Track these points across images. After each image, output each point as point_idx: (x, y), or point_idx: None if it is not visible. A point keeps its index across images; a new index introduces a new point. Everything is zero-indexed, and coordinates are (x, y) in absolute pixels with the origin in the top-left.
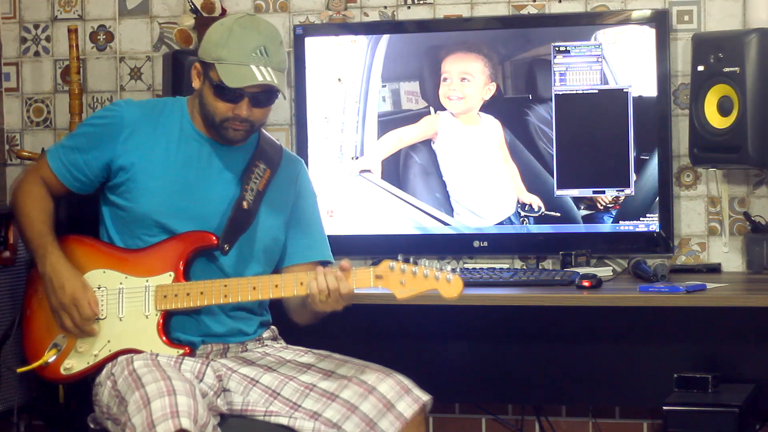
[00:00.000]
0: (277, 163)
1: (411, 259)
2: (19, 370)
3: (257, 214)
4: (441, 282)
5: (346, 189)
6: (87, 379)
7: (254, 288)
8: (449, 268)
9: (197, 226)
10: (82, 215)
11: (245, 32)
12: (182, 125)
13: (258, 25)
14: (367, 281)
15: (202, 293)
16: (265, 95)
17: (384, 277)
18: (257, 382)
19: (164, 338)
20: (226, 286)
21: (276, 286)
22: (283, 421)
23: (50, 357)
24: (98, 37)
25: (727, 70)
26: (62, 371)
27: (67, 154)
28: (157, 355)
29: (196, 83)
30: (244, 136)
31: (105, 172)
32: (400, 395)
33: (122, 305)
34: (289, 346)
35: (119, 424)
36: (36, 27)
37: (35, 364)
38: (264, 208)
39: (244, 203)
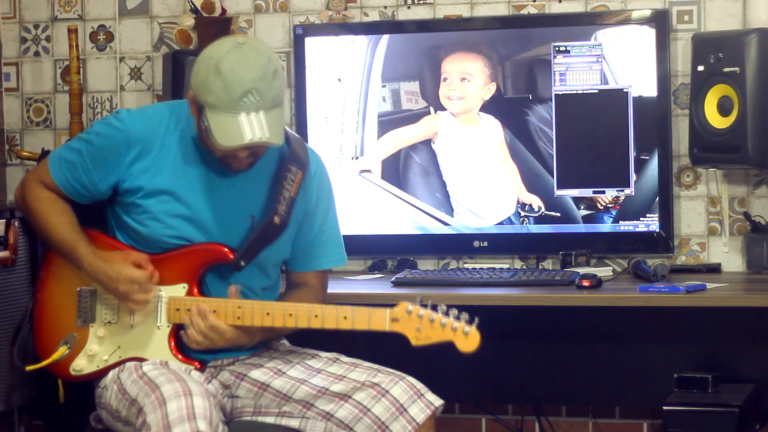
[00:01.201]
0: (306, 162)
1: (429, 304)
2: (29, 368)
3: (288, 224)
4: (458, 334)
5: (346, 189)
6: (91, 381)
7: (267, 314)
8: (466, 317)
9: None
10: (90, 209)
11: (233, 75)
12: (190, 141)
13: (246, 60)
14: (382, 324)
15: (214, 312)
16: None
17: (400, 321)
18: (268, 386)
19: (180, 356)
20: (239, 308)
21: (290, 315)
22: (295, 423)
23: (62, 354)
24: (98, 37)
25: (727, 70)
26: (72, 371)
27: (71, 170)
28: (167, 362)
29: (193, 110)
30: (247, 167)
31: (111, 191)
32: (413, 399)
33: (134, 312)
34: (294, 348)
35: (131, 426)
36: (36, 27)
37: (46, 362)
38: (293, 219)
39: (276, 218)
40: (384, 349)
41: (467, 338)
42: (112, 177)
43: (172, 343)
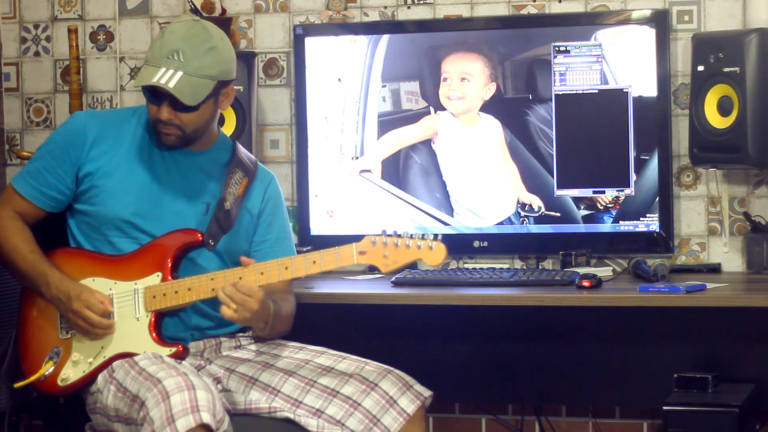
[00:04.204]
0: (254, 175)
1: (394, 231)
2: (16, 385)
3: (237, 217)
4: (423, 251)
5: (346, 189)
6: (82, 389)
7: (240, 278)
8: (432, 235)
9: (171, 226)
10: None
11: (170, 35)
12: (145, 130)
13: (189, 29)
14: (350, 258)
15: (189, 289)
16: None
17: (367, 253)
18: (256, 380)
19: (154, 335)
20: (212, 279)
21: (261, 273)
22: (288, 415)
23: (48, 369)
24: (98, 37)
25: (727, 70)
26: (59, 383)
27: (35, 177)
28: (161, 355)
29: None
30: (176, 141)
31: (75, 184)
32: (402, 391)
33: (113, 313)
34: (281, 342)
35: (132, 422)
36: (36, 27)
37: (32, 378)
38: (241, 214)
39: (226, 203)
40: (382, 348)
41: (433, 252)
42: (75, 166)
43: (152, 330)
